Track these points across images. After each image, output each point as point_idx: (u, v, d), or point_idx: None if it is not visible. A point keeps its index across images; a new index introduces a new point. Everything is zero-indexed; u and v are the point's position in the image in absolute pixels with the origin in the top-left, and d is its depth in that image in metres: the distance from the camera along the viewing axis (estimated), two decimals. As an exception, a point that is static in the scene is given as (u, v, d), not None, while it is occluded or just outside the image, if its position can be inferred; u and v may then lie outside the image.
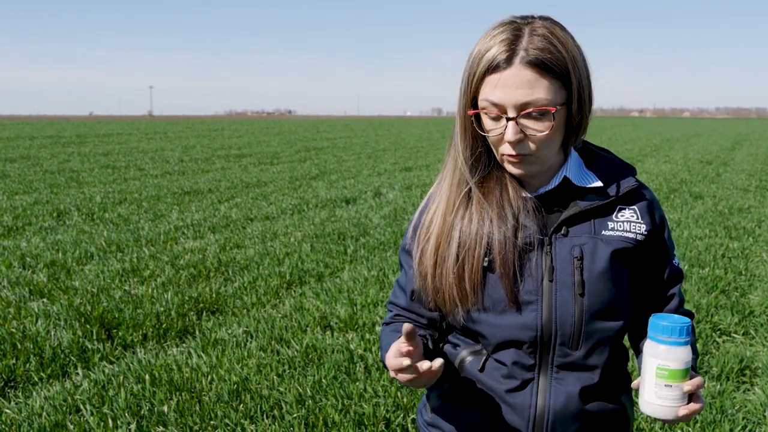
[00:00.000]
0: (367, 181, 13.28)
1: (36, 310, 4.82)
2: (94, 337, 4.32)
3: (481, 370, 1.47)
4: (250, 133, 38.02)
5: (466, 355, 1.50)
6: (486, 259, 1.39)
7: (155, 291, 5.34)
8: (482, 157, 1.41)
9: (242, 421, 3.20)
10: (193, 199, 10.81)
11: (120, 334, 4.40)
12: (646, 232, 1.44)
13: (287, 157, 19.58)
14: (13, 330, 4.40)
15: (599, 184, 1.42)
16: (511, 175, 1.42)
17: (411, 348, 1.27)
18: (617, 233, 1.42)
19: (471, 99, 1.35)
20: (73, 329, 4.42)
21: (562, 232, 1.41)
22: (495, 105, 1.29)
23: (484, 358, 1.47)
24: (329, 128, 47.91)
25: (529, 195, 1.43)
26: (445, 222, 1.42)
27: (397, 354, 1.28)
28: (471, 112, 1.35)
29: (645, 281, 1.51)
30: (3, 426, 3.16)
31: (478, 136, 1.38)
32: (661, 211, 1.52)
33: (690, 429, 3.20)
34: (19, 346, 4.14)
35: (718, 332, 4.64)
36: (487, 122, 1.34)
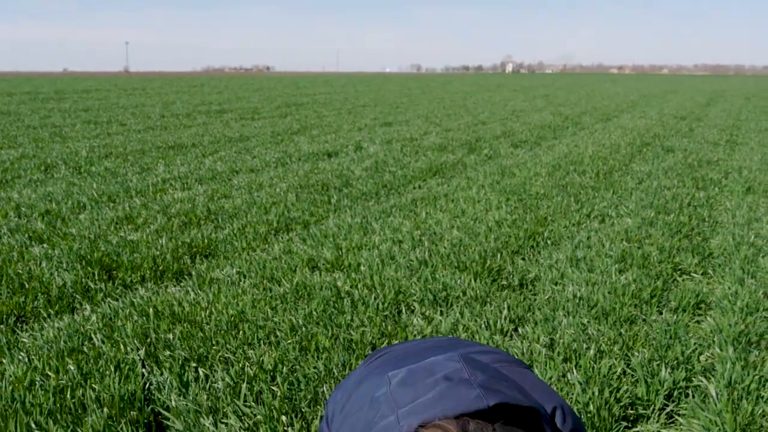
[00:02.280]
0: (348, 136, 13.49)
1: (38, 254, 5.07)
2: (96, 277, 4.59)
3: None
4: (229, 89, 37.81)
5: None
6: None
7: (150, 237, 5.60)
8: None
9: (242, 346, 3.51)
10: (178, 153, 10.98)
11: (120, 275, 4.67)
12: None
13: (268, 113, 19.67)
14: (20, 271, 4.66)
15: None
16: None
17: None
18: None
19: None
20: (75, 271, 4.69)
21: None
22: None
23: None
24: (309, 84, 47.68)
25: None
26: None
27: None
28: None
29: None
30: (21, 353, 3.44)
31: None
32: None
33: (645, 351, 3.55)
34: (27, 286, 4.40)
35: (679, 272, 5.00)
36: None
